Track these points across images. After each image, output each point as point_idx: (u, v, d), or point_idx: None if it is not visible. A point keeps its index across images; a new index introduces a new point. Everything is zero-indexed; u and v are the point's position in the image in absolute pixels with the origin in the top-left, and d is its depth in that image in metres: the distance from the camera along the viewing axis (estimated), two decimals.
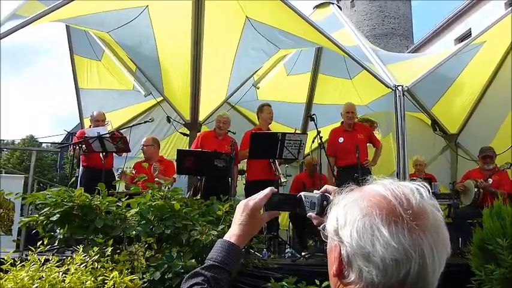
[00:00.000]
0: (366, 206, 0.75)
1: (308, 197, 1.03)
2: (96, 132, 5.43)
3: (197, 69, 6.28)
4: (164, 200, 3.42)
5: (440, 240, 0.73)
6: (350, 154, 5.46)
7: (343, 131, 5.83)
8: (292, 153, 5.09)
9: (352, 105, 5.91)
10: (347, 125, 5.84)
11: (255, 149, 5.18)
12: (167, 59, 6.48)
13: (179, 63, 6.45)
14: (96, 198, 3.41)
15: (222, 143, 5.58)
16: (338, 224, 0.78)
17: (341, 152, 5.70)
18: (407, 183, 0.79)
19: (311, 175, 6.40)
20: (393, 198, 0.75)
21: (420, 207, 0.75)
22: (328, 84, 8.00)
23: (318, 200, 1.01)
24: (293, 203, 1.05)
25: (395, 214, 0.73)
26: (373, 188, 0.79)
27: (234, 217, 1.06)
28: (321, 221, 0.95)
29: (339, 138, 5.76)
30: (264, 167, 5.38)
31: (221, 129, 5.66)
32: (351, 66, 6.84)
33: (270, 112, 5.89)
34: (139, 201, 3.39)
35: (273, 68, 7.73)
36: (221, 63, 6.72)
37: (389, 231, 0.71)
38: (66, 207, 3.21)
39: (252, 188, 5.59)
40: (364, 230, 0.73)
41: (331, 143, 5.82)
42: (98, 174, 5.27)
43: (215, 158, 4.99)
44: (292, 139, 5.08)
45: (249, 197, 1.07)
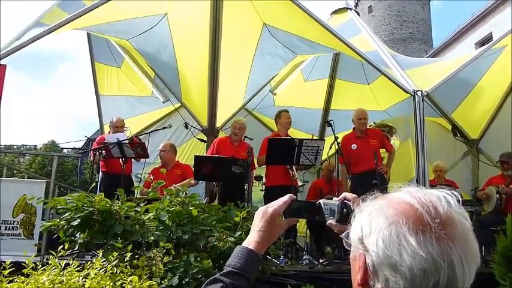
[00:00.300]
0: (391, 214, 0.73)
1: (327, 205, 1.03)
2: (115, 138, 5.50)
3: (215, 75, 6.33)
4: (182, 205, 3.44)
5: (469, 250, 0.71)
6: (364, 160, 5.41)
7: (355, 137, 5.76)
8: (309, 159, 5.07)
9: (364, 111, 5.85)
10: (359, 132, 5.78)
11: (272, 155, 5.18)
12: (185, 65, 6.55)
13: (197, 70, 6.51)
14: (115, 203, 3.45)
15: (238, 149, 5.59)
16: (363, 233, 0.76)
17: (354, 158, 5.64)
18: (434, 191, 0.77)
19: (328, 181, 6.36)
20: (420, 206, 0.73)
21: (448, 215, 0.73)
22: (345, 90, 7.96)
23: (337, 208, 1.00)
24: (312, 211, 1.05)
25: (422, 223, 0.71)
26: (399, 196, 0.77)
27: (253, 223, 1.06)
28: (341, 229, 0.94)
29: (351, 145, 5.70)
30: (282, 172, 5.38)
31: (237, 135, 5.68)
32: (368, 71, 6.79)
33: (288, 118, 5.90)
34: (158, 206, 3.42)
35: (290, 74, 7.73)
36: (238, 69, 6.75)
37: (417, 240, 0.69)
38: (87, 212, 3.26)
39: (270, 194, 5.62)
40: (390, 239, 0.71)
41: (344, 151, 5.78)
42: (117, 179, 5.33)
43: (232, 164, 5.00)
44: (310, 145, 5.06)
45: (267, 204, 1.07)
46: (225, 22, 5.89)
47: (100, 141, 5.89)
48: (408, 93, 5.34)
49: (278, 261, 4.37)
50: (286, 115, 5.91)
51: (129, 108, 7.84)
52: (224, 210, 3.85)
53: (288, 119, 5.89)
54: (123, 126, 6.21)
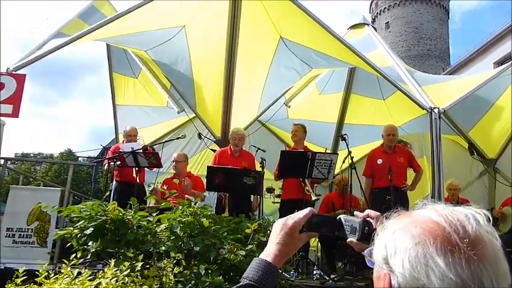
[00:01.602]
0: (418, 234, 0.71)
1: (348, 221, 1.01)
2: (130, 148, 5.56)
3: (229, 87, 6.37)
4: (193, 216, 3.45)
5: (500, 272, 0.68)
6: (387, 176, 5.36)
7: (382, 152, 5.73)
8: (322, 172, 5.05)
9: (394, 127, 5.81)
10: (387, 147, 5.74)
11: (285, 167, 5.17)
12: (201, 77, 6.62)
13: (212, 82, 6.57)
14: (128, 212, 3.46)
15: (238, 159, 5.59)
16: (387, 252, 0.74)
17: (378, 173, 5.61)
18: (462, 209, 0.74)
19: (341, 195, 6.31)
20: (447, 225, 0.70)
21: (477, 235, 0.70)
22: (360, 104, 7.94)
23: (359, 226, 0.98)
24: (332, 226, 1.03)
25: (450, 243, 0.68)
26: (424, 214, 0.75)
27: (271, 236, 1.04)
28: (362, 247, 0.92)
29: (377, 160, 5.67)
30: (296, 186, 5.37)
31: (237, 145, 5.68)
32: (384, 86, 6.77)
33: (292, 130, 5.87)
34: (170, 216, 3.43)
35: (305, 87, 7.75)
36: (253, 81, 6.79)
37: (446, 262, 0.67)
38: (100, 221, 3.28)
39: (284, 206, 5.60)
40: (417, 260, 0.68)
41: (369, 164, 5.72)
42: (131, 188, 5.37)
43: (244, 175, 5.00)
44: (323, 158, 5.04)
45: (287, 216, 1.06)
46: (241, 35, 5.95)
47: (115, 150, 5.96)
48: (425, 110, 5.30)
49: (288, 276, 4.33)
50: (292, 127, 5.90)
51: (145, 118, 7.94)
52: (235, 222, 3.83)
53: (292, 131, 5.85)
54: (136, 135, 6.29)
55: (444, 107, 5.30)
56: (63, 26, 5.82)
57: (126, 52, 7.04)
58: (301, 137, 5.83)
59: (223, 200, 5.33)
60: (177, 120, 8.10)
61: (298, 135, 5.81)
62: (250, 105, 6.95)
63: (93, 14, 6.55)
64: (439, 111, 5.20)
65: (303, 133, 5.85)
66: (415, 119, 6.74)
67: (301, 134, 5.83)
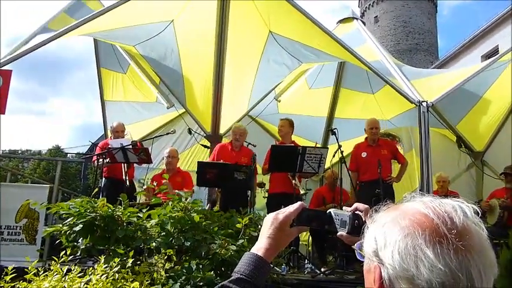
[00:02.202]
0: (406, 225, 0.72)
1: (338, 215, 1.02)
2: (119, 143, 5.52)
3: (219, 82, 6.35)
4: (184, 211, 3.44)
5: (487, 261, 0.70)
6: (372, 169, 5.41)
7: (366, 146, 5.79)
8: (312, 167, 5.06)
9: (376, 121, 5.86)
10: (371, 141, 5.80)
11: (275, 162, 5.18)
12: (190, 72, 6.58)
13: (202, 76, 6.54)
14: (118, 209, 3.45)
15: (238, 155, 5.60)
16: (377, 245, 0.75)
17: (363, 167, 5.67)
18: (449, 201, 0.76)
19: (331, 189, 6.35)
20: (435, 217, 0.72)
21: (464, 226, 0.71)
22: (350, 99, 7.97)
23: (349, 219, 0.99)
24: (322, 220, 1.04)
25: (439, 234, 0.70)
26: (413, 206, 0.76)
27: (262, 230, 1.04)
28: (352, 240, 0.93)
29: (362, 153, 5.73)
30: (284, 179, 5.38)
31: (238, 141, 5.68)
32: (373, 81, 6.80)
33: (279, 124, 5.88)
34: (160, 212, 3.42)
35: (295, 81, 7.75)
36: (243, 76, 6.77)
37: (434, 253, 0.68)
38: (89, 217, 3.26)
39: (272, 201, 5.62)
40: (406, 251, 0.70)
41: (354, 158, 5.79)
42: (120, 185, 5.35)
43: (235, 170, 5.00)
44: (313, 153, 5.06)
45: (277, 210, 1.06)
46: (230, 29, 5.92)
47: (103, 146, 5.91)
48: (413, 104, 5.34)
49: (280, 270, 4.35)
50: (279, 123, 5.91)
51: (134, 114, 7.88)
52: (226, 217, 3.83)
53: (279, 126, 5.86)
54: (124, 130, 6.25)
55: (432, 100, 5.34)
56: (49, 21, 5.73)
57: (114, 47, 6.97)
58: (287, 131, 5.83)
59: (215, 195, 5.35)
60: (166, 116, 8.05)
61: (284, 130, 5.81)
62: (240, 100, 6.93)
63: (79, 9, 6.46)
64: (428, 104, 5.24)
65: (289, 127, 5.85)
66: (403, 112, 6.78)
67: (286, 129, 5.82)
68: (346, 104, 8.07)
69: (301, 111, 7.88)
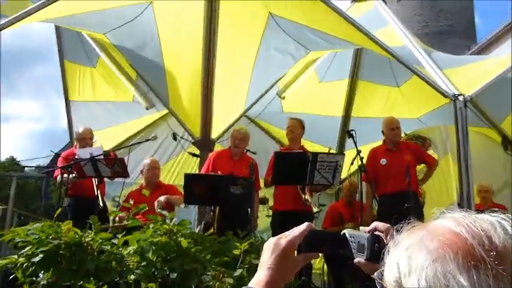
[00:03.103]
0: (435, 248, 0.72)
1: (354, 237, 1.01)
2: (88, 153, 5.50)
3: (210, 76, 6.35)
4: (169, 235, 3.42)
5: None
6: (394, 179, 5.37)
7: (385, 150, 5.75)
8: (325, 177, 5.05)
9: (395, 120, 5.84)
10: (391, 144, 5.75)
11: (280, 172, 5.17)
12: (174, 64, 6.58)
13: (188, 70, 6.54)
14: (87, 234, 3.43)
15: (238, 164, 5.58)
16: (400, 272, 0.75)
17: (383, 176, 5.62)
18: (486, 216, 0.75)
19: (349, 204, 6.33)
20: (470, 237, 0.71)
21: (506, 246, 0.71)
22: (370, 94, 7.96)
23: (367, 242, 0.98)
24: (335, 244, 1.03)
25: (474, 257, 0.69)
26: (442, 224, 0.76)
27: (261, 259, 1.04)
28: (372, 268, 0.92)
29: (380, 160, 5.68)
30: (293, 194, 5.38)
31: (238, 147, 5.67)
32: (398, 71, 6.80)
33: (288, 125, 5.88)
34: (139, 237, 3.40)
35: (302, 74, 7.75)
36: (238, 69, 6.78)
37: (470, 280, 0.68)
38: (52, 245, 3.23)
39: (278, 221, 5.61)
40: (436, 280, 0.69)
41: (370, 166, 5.75)
42: (89, 204, 5.33)
43: (231, 183, 4.98)
44: (326, 160, 5.04)
45: (279, 234, 1.04)
46: (222, 12, 5.93)
47: (69, 157, 5.90)
48: (447, 98, 5.34)
49: None
50: (287, 122, 5.92)
51: (106, 117, 7.88)
52: (221, 241, 3.82)
53: (288, 127, 5.87)
54: (92, 137, 6.25)
55: (471, 93, 5.34)
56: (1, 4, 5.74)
57: (81, 35, 6.97)
58: (298, 134, 5.84)
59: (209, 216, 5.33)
60: (145, 119, 8.05)
61: (295, 132, 5.81)
62: (236, 98, 6.93)
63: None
64: (465, 98, 5.24)
65: (300, 129, 5.85)
66: (436, 109, 6.75)
67: (298, 131, 5.83)
68: (366, 100, 8.06)
69: (310, 110, 7.87)
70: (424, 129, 7.44)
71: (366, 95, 8.04)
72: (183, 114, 6.82)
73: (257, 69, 6.71)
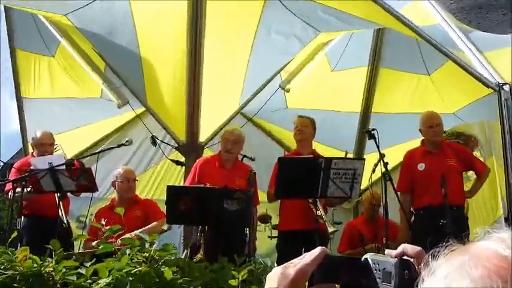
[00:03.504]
0: (480, 276, 0.72)
1: (379, 263, 1.01)
2: (46, 163, 5.50)
3: (197, 66, 6.35)
4: (149, 264, 3.43)
5: None
6: (435, 189, 5.36)
7: (424, 153, 5.74)
8: (341, 188, 5.05)
9: (435, 115, 5.82)
10: (431, 145, 5.74)
11: (285, 183, 5.16)
12: (152, 52, 6.59)
13: (170, 59, 6.54)
14: (47, 262, 3.42)
15: (231, 174, 5.59)
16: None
17: (421, 185, 5.61)
18: None
19: (371, 221, 6.33)
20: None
21: None
22: (394, 84, 7.97)
23: (394, 269, 0.98)
24: (356, 272, 1.03)
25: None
26: (487, 247, 0.76)
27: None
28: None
29: (418, 165, 5.67)
30: (302, 209, 5.37)
31: (231, 152, 5.67)
32: (429, 55, 6.81)
33: (296, 125, 5.87)
34: (112, 266, 3.40)
35: (311, 61, 7.76)
36: (232, 56, 6.79)
37: None
38: (5, 276, 3.23)
39: (284, 243, 5.63)
40: None
41: (405, 172, 5.73)
42: (49, 226, 5.31)
43: (225, 197, 4.99)
44: (342, 167, 5.04)
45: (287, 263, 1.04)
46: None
47: (23, 168, 5.88)
48: (490, 88, 5.34)
49: None
50: (295, 121, 5.91)
51: (68, 117, 7.87)
52: (213, 270, 3.82)
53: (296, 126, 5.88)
54: (53, 143, 6.22)
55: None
56: None
57: (36, 18, 6.97)
58: (309, 135, 5.84)
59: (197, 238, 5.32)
60: (117, 119, 8.05)
61: (306, 132, 5.81)
62: (229, 92, 6.94)
63: None
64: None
65: (311, 129, 5.86)
66: (476, 101, 6.77)
67: (309, 131, 5.84)
68: (389, 92, 8.07)
69: (320, 105, 7.88)
70: (461, 126, 7.44)
71: (389, 85, 8.04)
72: (163, 112, 6.81)
73: (255, 57, 6.72)
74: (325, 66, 8.01)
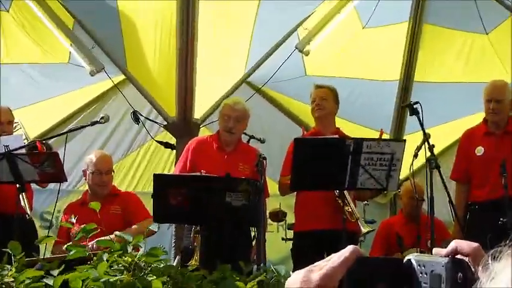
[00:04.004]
0: None
1: (425, 264, 1.00)
2: (1, 146, 5.52)
3: (189, 21, 6.34)
4: (133, 272, 3.45)
5: None
6: (495, 179, 5.36)
7: (485, 134, 5.74)
8: (375, 178, 5.05)
9: (500, 88, 5.80)
10: (492, 124, 5.75)
11: (304, 170, 5.17)
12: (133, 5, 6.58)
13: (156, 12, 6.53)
14: (6, 270, 3.46)
15: (233, 159, 5.62)
16: None
17: (479, 173, 5.63)
18: None
19: (412, 219, 6.33)
20: None
21: None
22: (441, 45, 7.95)
23: (445, 271, 0.97)
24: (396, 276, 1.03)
25: None
26: None
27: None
28: None
29: (476, 149, 5.67)
30: (325, 204, 5.39)
31: (231, 131, 5.65)
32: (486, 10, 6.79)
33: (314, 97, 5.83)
34: (87, 275, 3.43)
35: (336, 15, 7.73)
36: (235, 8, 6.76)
37: None
38: None
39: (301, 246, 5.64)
40: None
41: (461, 158, 5.73)
42: (7, 225, 5.35)
43: (227, 189, 5.00)
44: (376, 151, 5.04)
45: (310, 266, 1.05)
46: None
47: None
48: None
49: None
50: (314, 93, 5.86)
51: (28, 88, 7.88)
52: (214, 280, 3.85)
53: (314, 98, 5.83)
54: (12, 121, 6.23)
55: None
56: None
57: None
58: (330, 110, 5.82)
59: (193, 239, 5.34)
60: (90, 89, 8.05)
61: (326, 106, 5.80)
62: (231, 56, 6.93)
63: None
64: None
65: (333, 103, 5.83)
66: None
67: (330, 105, 5.81)
68: (435, 56, 8.05)
69: (348, 72, 7.89)
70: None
71: (436, 47, 8.01)
72: (148, 81, 6.81)
73: (264, 10, 6.71)
74: (355, 22, 7.98)
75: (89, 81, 7.76)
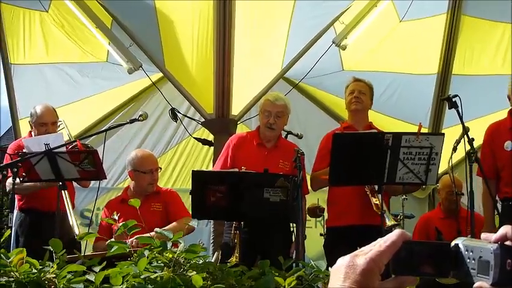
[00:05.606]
0: None
1: (473, 250, 1.00)
2: (42, 144, 5.55)
3: (226, 18, 6.35)
4: (173, 269, 3.46)
5: None
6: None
7: (511, 129, 5.67)
8: (414, 172, 5.02)
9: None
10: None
11: (340, 166, 5.15)
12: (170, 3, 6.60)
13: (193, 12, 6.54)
14: (47, 266, 3.49)
15: (274, 155, 5.61)
16: None
17: (508, 170, 5.58)
18: None
19: (452, 215, 6.26)
20: None
21: None
22: (481, 37, 7.86)
23: (494, 257, 0.96)
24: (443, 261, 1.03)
25: None
26: None
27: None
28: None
29: (504, 143, 5.62)
30: (357, 200, 5.40)
31: (272, 128, 5.65)
32: None
33: (351, 90, 5.79)
34: (128, 271, 3.44)
35: (372, 9, 7.68)
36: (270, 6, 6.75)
37: None
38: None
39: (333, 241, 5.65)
40: None
41: (488, 153, 5.67)
42: (48, 223, 5.41)
43: (265, 185, 5.00)
44: (415, 145, 5.00)
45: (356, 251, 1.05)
46: None
47: (15, 151, 5.97)
48: None
49: None
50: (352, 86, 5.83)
51: (66, 87, 7.94)
52: (252, 276, 3.84)
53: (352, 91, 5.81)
54: (56, 122, 6.25)
55: None
56: None
57: None
58: (367, 105, 5.79)
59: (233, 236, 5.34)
60: (128, 87, 8.11)
61: (365, 100, 5.77)
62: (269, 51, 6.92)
63: None
64: None
65: (369, 98, 5.81)
66: None
67: (367, 100, 5.79)
68: (475, 48, 7.96)
69: (385, 66, 7.84)
70: None
71: (475, 39, 7.93)
72: (186, 79, 6.83)
73: (300, 4, 6.68)
74: (392, 15, 7.93)
75: (127, 80, 7.83)
